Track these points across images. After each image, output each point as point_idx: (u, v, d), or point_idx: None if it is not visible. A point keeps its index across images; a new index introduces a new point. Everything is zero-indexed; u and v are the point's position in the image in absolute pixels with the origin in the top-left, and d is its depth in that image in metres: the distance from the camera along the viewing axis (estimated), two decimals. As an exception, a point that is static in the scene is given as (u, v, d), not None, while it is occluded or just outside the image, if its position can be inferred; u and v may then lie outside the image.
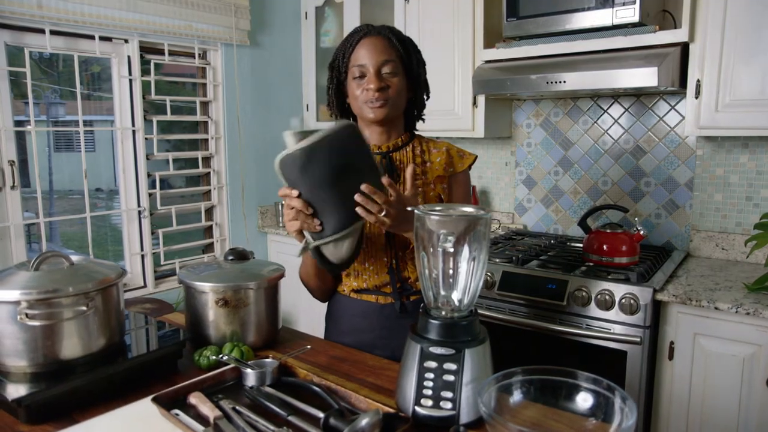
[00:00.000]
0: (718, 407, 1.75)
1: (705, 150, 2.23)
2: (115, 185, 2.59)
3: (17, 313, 0.99)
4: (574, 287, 1.89)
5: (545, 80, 2.07)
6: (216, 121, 2.80)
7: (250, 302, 1.27)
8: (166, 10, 2.43)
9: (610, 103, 2.43)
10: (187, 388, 1.03)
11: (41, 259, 1.08)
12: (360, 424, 0.83)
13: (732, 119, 1.88)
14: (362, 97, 1.28)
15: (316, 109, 3.14)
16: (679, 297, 1.75)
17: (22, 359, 1.02)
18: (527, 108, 2.66)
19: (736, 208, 2.20)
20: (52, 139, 2.14)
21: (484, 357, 0.99)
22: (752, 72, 1.83)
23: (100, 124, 2.32)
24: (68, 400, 1.01)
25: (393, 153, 1.34)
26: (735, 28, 1.84)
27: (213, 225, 2.86)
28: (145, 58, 2.48)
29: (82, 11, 2.18)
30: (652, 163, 2.35)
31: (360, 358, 1.27)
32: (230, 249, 1.40)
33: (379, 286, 1.35)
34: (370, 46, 1.27)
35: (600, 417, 0.87)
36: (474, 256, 0.99)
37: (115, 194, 2.60)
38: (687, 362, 1.79)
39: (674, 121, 2.29)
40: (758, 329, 1.66)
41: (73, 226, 2.38)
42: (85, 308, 1.04)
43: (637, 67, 1.87)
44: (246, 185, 2.93)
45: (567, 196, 2.60)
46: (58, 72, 2.37)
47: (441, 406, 0.95)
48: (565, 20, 2.07)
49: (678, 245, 2.33)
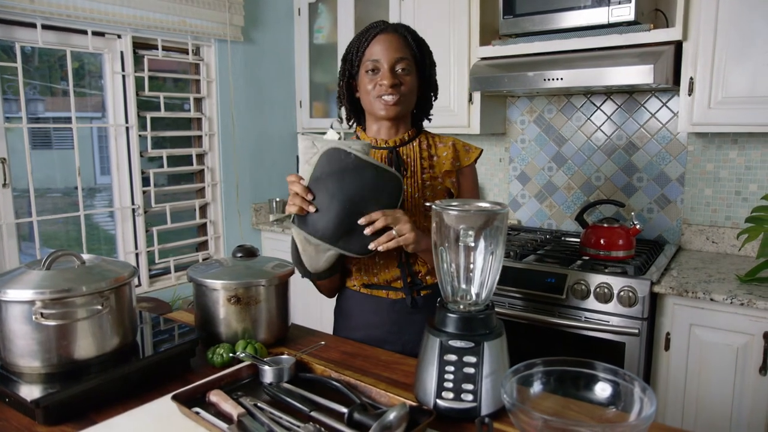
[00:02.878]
0: (713, 395, 1.79)
1: (696, 146, 2.28)
2: (95, 183, 2.56)
3: (32, 313, 0.98)
4: (573, 281, 1.93)
5: (542, 77, 2.10)
6: (210, 118, 2.77)
7: (262, 299, 1.27)
8: (159, 5, 2.40)
9: (603, 99, 2.47)
10: (206, 386, 1.02)
11: (53, 258, 1.07)
12: (389, 418, 0.84)
13: (724, 116, 1.93)
14: (374, 92, 1.28)
15: (309, 106, 3.13)
16: (675, 289, 1.79)
17: (35, 360, 1.01)
18: (521, 105, 2.69)
19: (725, 203, 2.25)
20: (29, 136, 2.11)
21: (502, 349, 1.01)
22: (743, 70, 1.88)
23: (81, 121, 2.27)
24: (85, 401, 1.00)
25: (400, 147, 1.35)
26: (726, 28, 1.88)
27: (207, 222, 2.84)
28: (138, 54, 2.45)
29: (75, 5, 2.15)
30: (644, 158, 2.40)
31: (372, 353, 1.28)
32: (238, 246, 1.39)
33: (390, 281, 1.36)
34: (386, 42, 1.27)
35: (620, 406, 0.89)
36: (491, 250, 1.01)
37: (95, 192, 2.56)
38: (683, 352, 1.83)
39: (666, 117, 2.33)
40: (751, 319, 1.71)
41: (53, 225, 2.34)
42: (100, 307, 1.03)
43: (634, 64, 1.90)
44: (240, 182, 2.92)
45: (561, 192, 2.64)
46: (34, 68, 2.31)
47: (462, 398, 0.96)
48: (561, 18, 2.09)
49: (670, 239, 2.38)
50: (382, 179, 1.18)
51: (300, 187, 1.16)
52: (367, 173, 1.16)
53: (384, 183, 1.19)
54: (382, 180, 1.18)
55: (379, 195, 1.18)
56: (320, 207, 1.17)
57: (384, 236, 1.18)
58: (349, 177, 1.15)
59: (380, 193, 1.18)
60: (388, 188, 1.19)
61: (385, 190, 1.19)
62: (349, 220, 1.16)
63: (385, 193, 1.19)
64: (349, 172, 1.15)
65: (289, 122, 3.17)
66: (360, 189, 1.16)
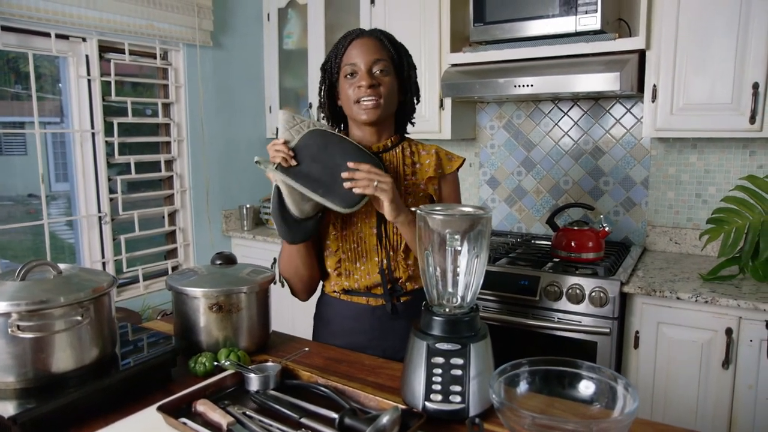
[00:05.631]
0: (680, 390, 1.87)
1: (658, 150, 2.38)
2: (50, 190, 2.47)
3: (8, 325, 0.94)
4: (545, 283, 1.97)
5: (512, 84, 2.14)
6: (178, 124, 2.72)
7: (243, 306, 1.26)
8: (126, 8, 2.34)
9: (570, 105, 2.55)
10: (191, 396, 1.01)
11: (27, 269, 1.03)
12: (382, 422, 0.84)
13: (685, 122, 2.02)
14: (354, 96, 1.29)
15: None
16: (643, 289, 1.86)
17: (9, 375, 0.97)
18: (490, 110, 2.74)
19: (686, 205, 2.35)
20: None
21: (487, 350, 1.03)
22: (702, 79, 1.97)
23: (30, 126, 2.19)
24: (65, 415, 0.97)
25: (383, 154, 1.36)
26: (686, 38, 1.97)
27: (176, 230, 2.78)
28: (104, 57, 2.39)
29: (37, 7, 2.08)
30: (610, 163, 2.48)
31: (355, 359, 1.28)
32: (217, 253, 1.38)
33: (370, 287, 1.36)
34: (362, 46, 1.28)
35: (603, 403, 0.92)
36: (476, 253, 1.03)
37: (51, 200, 2.47)
38: (651, 350, 1.90)
39: (630, 123, 2.42)
40: (714, 316, 1.78)
41: (4, 235, 2.24)
42: (80, 318, 1.00)
43: (601, 72, 1.97)
44: (210, 189, 2.87)
45: (530, 196, 2.70)
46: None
47: (450, 400, 0.98)
48: (531, 26, 2.15)
49: (635, 240, 2.46)
50: (362, 153, 1.28)
51: (281, 144, 1.24)
52: (349, 145, 1.28)
53: (364, 155, 1.28)
54: (363, 153, 1.28)
55: (360, 161, 1.25)
56: (303, 167, 1.24)
57: (364, 180, 1.20)
58: (332, 147, 1.26)
59: (361, 160, 1.26)
60: (367, 159, 1.26)
61: (365, 161, 1.25)
62: (330, 179, 1.23)
63: (365, 162, 1.25)
64: (332, 144, 1.27)
65: (258, 128, 3.14)
66: (342, 155, 1.25)
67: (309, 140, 1.27)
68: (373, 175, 1.20)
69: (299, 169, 1.24)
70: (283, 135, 1.28)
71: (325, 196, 1.23)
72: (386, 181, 1.20)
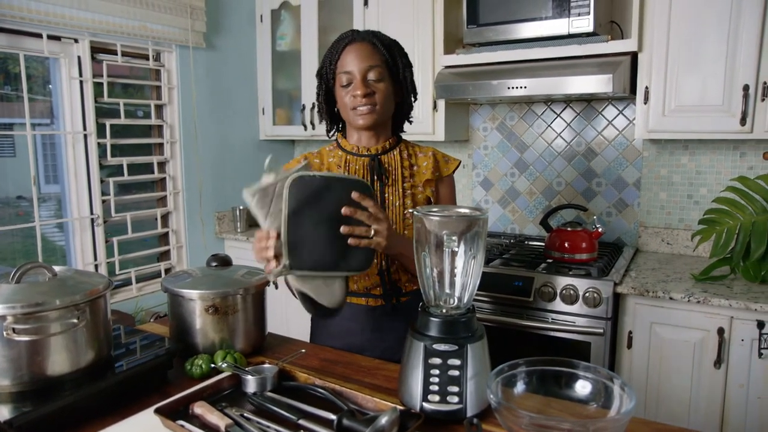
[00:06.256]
0: (672, 389, 1.88)
1: (650, 152, 2.40)
2: (40, 192, 2.44)
3: (3, 328, 0.94)
4: (540, 283, 1.98)
5: (506, 85, 2.16)
6: (171, 125, 2.71)
7: (239, 308, 1.26)
8: (119, 9, 2.33)
9: (562, 107, 2.56)
10: (188, 398, 1.00)
11: (22, 271, 1.02)
12: (381, 423, 0.84)
13: (677, 123, 2.04)
14: (350, 104, 1.30)
15: (272, 113, 3.10)
16: (636, 289, 1.87)
17: (5, 378, 0.97)
18: (483, 112, 2.75)
19: (678, 206, 2.37)
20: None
21: (484, 351, 1.04)
22: (694, 80, 1.99)
23: (21, 128, 2.17)
24: (61, 419, 0.96)
25: (381, 156, 1.37)
26: (678, 40, 1.99)
27: (169, 232, 2.77)
28: (96, 58, 2.37)
29: (29, 7, 2.06)
30: (602, 164, 2.50)
31: (352, 360, 1.28)
32: (213, 255, 1.37)
33: (369, 288, 1.36)
34: (356, 52, 1.29)
35: (600, 402, 0.93)
36: (473, 254, 1.03)
37: (42, 202, 2.45)
38: (644, 350, 1.91)
39: (622, 124, 2.44)
40: (707, 316, 1.80)
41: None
42: (76, 321, 0.99)
43: (593, 74, 1.98)
44: (203, 190, 2.86)
45: (523, 197, 2.71)
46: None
47: (448, 400, 0.98)
48: (524, 29, 2.16)
49: (628, 241, 2.48)
50: (351, 189, 1.15)
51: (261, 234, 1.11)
52: (337, 188, 1.14)
53: (349, 190, 1.15)
54: (352, 190, 1.15)
55: (355, 206, 1.15)
56: (309, 239, 1.12)
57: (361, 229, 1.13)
58: (323, 198, 1.12)
59: (355, 204, 1.16)
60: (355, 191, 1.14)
61: (354, 204, 1.14)
62: (339, 241, 1.13)
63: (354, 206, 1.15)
64: (321, 193, 1.12)
65: (251, 129, 3.13)
66: (337, 206, 1.13)
67: (299, 198, 1.10)
68: (371, 219, 1.13)
69: (310, 252, 1.12)
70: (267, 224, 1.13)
71: (345, 268, 1.14)
72: (381, 230, 1.14)
